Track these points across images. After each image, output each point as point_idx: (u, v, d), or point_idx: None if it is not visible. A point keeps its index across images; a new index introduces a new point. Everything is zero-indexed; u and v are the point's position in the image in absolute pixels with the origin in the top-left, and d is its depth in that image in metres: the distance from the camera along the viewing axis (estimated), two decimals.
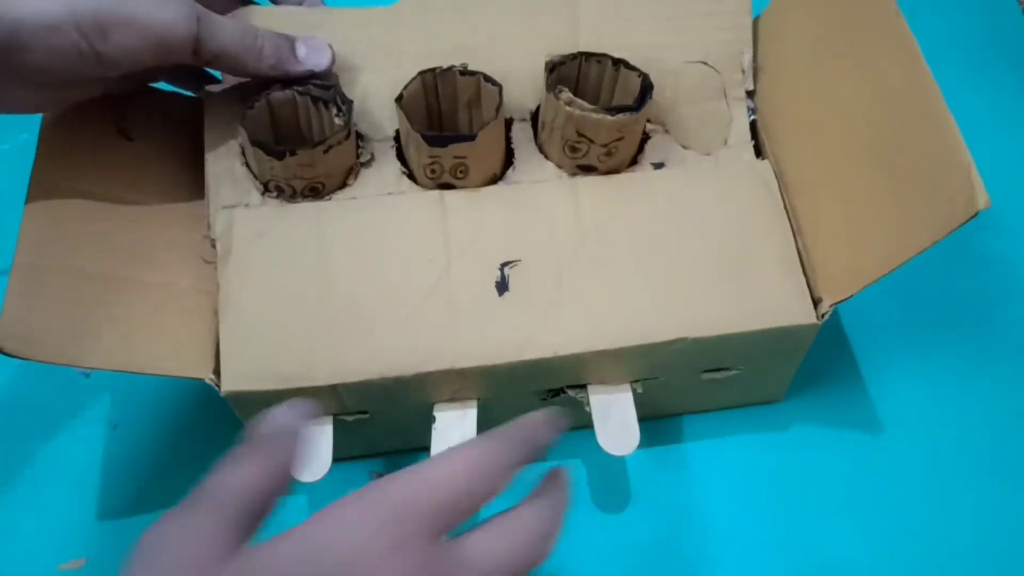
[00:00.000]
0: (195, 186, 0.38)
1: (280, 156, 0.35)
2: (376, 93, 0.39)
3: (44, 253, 0.31)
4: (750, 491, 0.40)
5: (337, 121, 0.37)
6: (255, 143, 0.35)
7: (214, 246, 0.36)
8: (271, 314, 0.34)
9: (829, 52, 0.37)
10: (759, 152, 0.40)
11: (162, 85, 0.40)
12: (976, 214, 0.29)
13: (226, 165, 0.38)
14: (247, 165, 0.37)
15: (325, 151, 0.36)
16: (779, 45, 0.40)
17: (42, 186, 0.32)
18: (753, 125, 0.40)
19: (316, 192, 0.37)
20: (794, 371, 0.39)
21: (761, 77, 0.40)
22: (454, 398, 0.36)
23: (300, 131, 0.38)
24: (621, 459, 0.40)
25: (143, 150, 0.37)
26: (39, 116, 0.40)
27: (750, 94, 0.40)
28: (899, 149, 0.33)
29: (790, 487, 0.40)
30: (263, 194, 0.37)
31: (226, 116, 0.38)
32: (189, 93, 0.41)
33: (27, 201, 0.32)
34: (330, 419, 0.35)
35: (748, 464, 0.40)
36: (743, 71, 0.40)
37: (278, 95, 0.37)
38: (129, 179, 0.36)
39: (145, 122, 0.37)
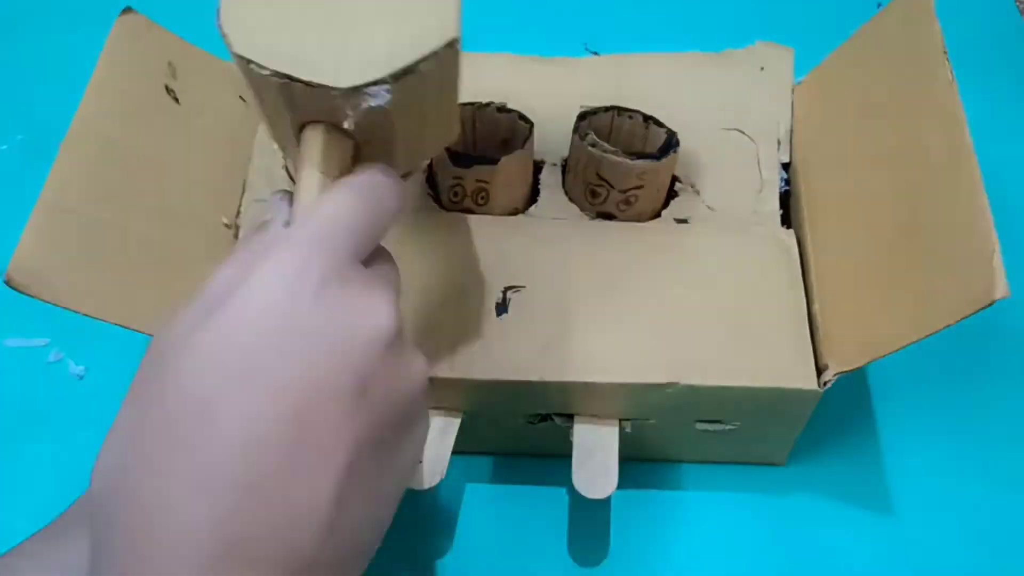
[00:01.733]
0: (231, 160, 0.39)
1: None
2: None
3: (69, 195, 0.32)
4: (738, 554, 0.37)
5: None
6: None
7: (236, 230, 0.38)
8: None
9: (878, 114, 0.36)
10: (786, 222, 0.39)
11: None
12: (992, 303, 0.28)
13: (267, 165, 0.40)
14: (286, 169, 0.40)
15: None
16: (822, 108, 0.40)
17: (82, 128, 0.34)
18: (784, 196, 0.40)
19: None
20: (795, 436, 0.37)
21: (801, 138, 0.40)
22: (439, 407, 0.35)
23: None
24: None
25: (188, 114, 0.38)
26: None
27: (785, 166, 0.40)
28: (928, 225, 0.32)
29: (782, 558, 0.37)
30: None
31: None
32: None
33: (64, 140, 0.33)
34: None
35: (739, 525, 0.38)
36: (779, 142, 0.40)
37: None
38: (169, 140, 0.37)
39: (195, 87, 0.39)
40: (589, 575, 0.37)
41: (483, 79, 0.42)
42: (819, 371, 0.34)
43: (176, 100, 0.38)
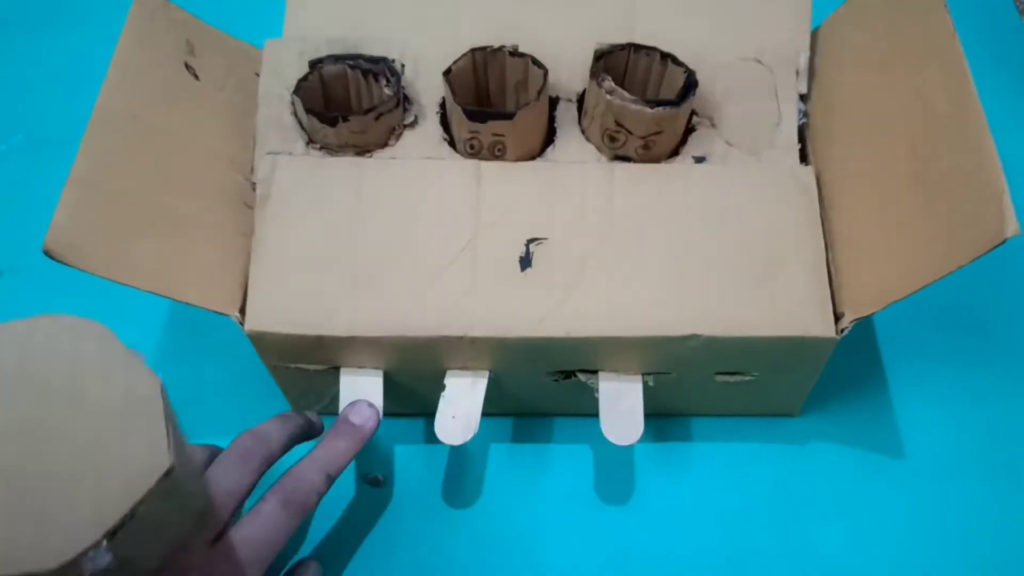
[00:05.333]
0: (251, 132, 0.39)
1: (333, 123, 0.36)
2: (429, 61, 0.40)
3: (98, 171, 0.32)
4: (755, 501, 0.39)
5: (387, 91, 0.38)
6: (309, 111, 0.37)
7: (254, 189, 0.37)
8: (301, 261, 0.36)
9: (883, 68, 0.36)
10: (804, 157, 0.39)
11: (235, 32, 0.41)
12: (1004, 241, 0.28)
13: (276, 113, 0.39)
14: (295, 115, 0.39)
15: (376, 118, 0.37)
16: (836, 56, 0.39)
17: (106, 108, 0.33)
18: (802, 129, 0.39)
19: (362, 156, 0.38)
20: (811, 385, 0.38)
21: (815, 86, 0.40)
22: (467, 367, 0.36)
23: (350, 102, 0.40)
24: (627, 451, 0.40)
25: (208, 90, 0.38)
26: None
27: (803, 97, 0.40)
28: (937, 171, 0.32)
29: (797, 503, 0.39)
30: (307, 144, 0.38)
31: (282, 64, 0.39)
32: None
33: (90, 120, 0.33)
34: (380, 374, 0.37)
35: (757, 473, 0.40)
36: (797, 72, 0.40)
37: (330, 68, 0.38)
38: (190, 115, 0.37)
39: (213, 64, 0.38)
40: (613, 526, 0.39)
41: (495, 11, 0.41)
42: (836, 319, 0.35)
43: (196, 76, 0.38)
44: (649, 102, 0.35)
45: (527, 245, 0.36)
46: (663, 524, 0.39)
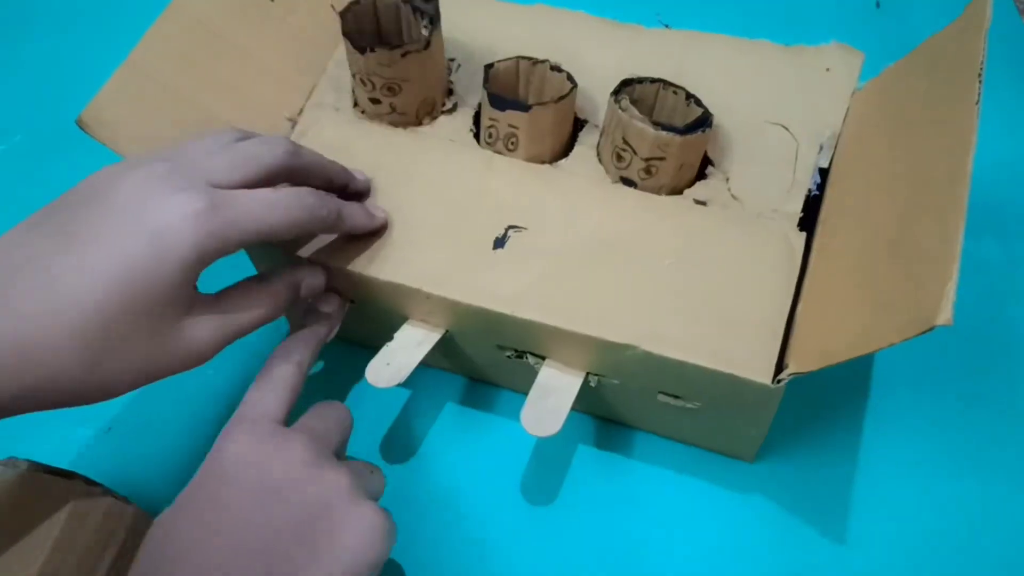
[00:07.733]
0: (308, 60, 0.43)
1: (362, 51, 0.39)
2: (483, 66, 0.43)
3: (152, 61, 0.37)
4: (682, 537, 0.38)
5: (424, 33, 0.41)
6: (346, 35, 0.40)
7: (292, 126, 0.42)
8: None
9: (903, 133, 0.36)
10: (806, 226, 0.39)
11: None
12: (932, 329, 0.27)
13: (339, 75, 0.44)
14: (353, 75, 0.43)
15: (402, 55, 0.39)
16: (868, 119, 0.39)
17: (179, 7, 0.38)
18: (811, 200, 0.39)
19: (392, 92, 0.41)
20: (760, 434, 0.38)
21: (844, 147, 0.40)
22: (426, 320, 0.39)
23: (400, 34, 0.43)
24: (568, 445, 0.41)
25: (280, 12, 0.42)
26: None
27: (822, 172, 0.40)
28: (908, 244, 0.32)
29: (713, 548, 0.38)
30: (354, 107, 0.43)
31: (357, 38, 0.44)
32: None
33: (162, 14, 0.37)
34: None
35: (690, 507, 0.39)
36: (821, 147, 0.40)
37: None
38: (255, 31, 0.41)
39: None
40: (533, 514, 0.39)
41: (554, 33, 0.45)
42: (779, 368, 0.34)
43: None
44: (655, 124, 0.37)
45: (507, 229, 0.38)
46: (586, 532, 0.39)
